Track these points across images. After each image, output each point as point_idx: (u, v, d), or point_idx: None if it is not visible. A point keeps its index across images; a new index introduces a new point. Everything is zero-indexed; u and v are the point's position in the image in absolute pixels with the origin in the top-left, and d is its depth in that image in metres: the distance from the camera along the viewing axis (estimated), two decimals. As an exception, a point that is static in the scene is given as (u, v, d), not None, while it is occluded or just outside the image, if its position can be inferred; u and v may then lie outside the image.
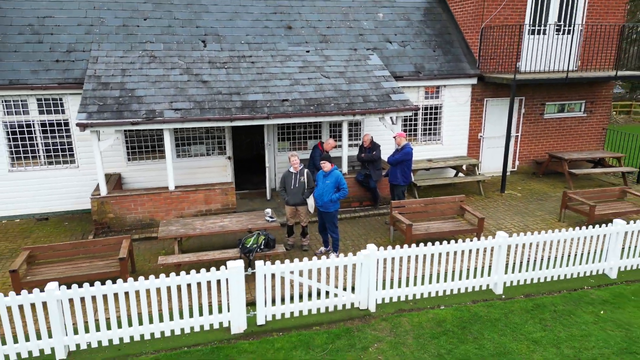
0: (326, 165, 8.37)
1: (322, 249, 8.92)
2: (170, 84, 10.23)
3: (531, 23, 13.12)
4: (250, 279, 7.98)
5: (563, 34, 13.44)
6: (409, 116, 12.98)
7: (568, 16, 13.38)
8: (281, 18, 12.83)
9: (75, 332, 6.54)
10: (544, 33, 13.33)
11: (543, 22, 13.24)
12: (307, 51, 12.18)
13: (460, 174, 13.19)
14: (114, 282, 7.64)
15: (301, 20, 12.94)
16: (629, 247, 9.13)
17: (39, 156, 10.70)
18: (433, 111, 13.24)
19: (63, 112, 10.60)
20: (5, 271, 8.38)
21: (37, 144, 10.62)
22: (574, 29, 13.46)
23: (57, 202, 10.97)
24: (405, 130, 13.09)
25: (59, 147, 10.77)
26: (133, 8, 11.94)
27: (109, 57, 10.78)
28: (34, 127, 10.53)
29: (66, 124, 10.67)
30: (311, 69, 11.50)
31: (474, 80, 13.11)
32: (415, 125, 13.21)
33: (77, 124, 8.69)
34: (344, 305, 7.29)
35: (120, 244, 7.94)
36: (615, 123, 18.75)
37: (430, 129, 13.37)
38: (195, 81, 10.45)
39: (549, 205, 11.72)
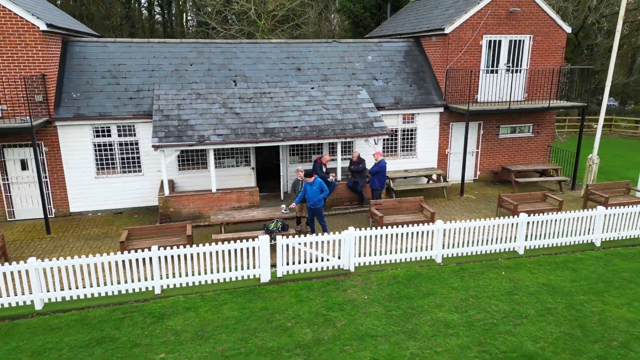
0: (309, 179, 12.10)
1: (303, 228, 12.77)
2: (212, 115, 14.19)
3: (486, 65, 16.95)
4: (272, 249, 11.84)
5: (512, 73, 17.25)
6: (391, 137, 16.82)
7: (516, 59, 17.20)
8: (292, 62, 16.79)
9: (167, 277, 10.44)
10: (496, 72, 17.15)
11: (495, 64, 17.07)
12: (312, 88, 16.11)
13: (431, 182, 16.98)
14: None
15: (308, 63, 16.88)
16: (532, 233, 12.84)
17: (116, 167, 14.69)
18: (409, 133, 17.08)
19: (134, 135, 14.59)
20: (110, 243, 12.33)
21: (115, 158, 14.62)
22: (520, 70, 17.28)
23: (128, 201, 14.95)
24: (387, 147, 16.95)
25: (130, 160, 14.76)
26: (182, 56, 15.96)
27: (167, 94, 14.78)
28: (113, 146, 14.54)
29: (136, 144, 14.67)
30: (314, 102, 15.41)
31: (441, 109, 16.95)
32: (396, 143, 17.06)
33: (152, 146, 12.66)
34: (333, 267, 11.13)
35: (185, 227, 11.86)
36: (558, 141, 22.37)
37: (407, 146, 17.21)
38: (230, 113, 14.40)
39: (494, 205, 15.47)
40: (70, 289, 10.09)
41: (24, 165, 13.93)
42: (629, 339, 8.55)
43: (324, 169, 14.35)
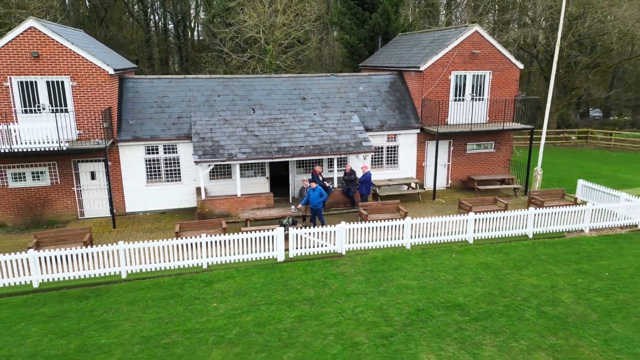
0: (312, 185, 16.24)
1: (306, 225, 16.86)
2: (237, 137, 18.34)
3: (454, 95, 21.10)
4: (285, 238, 15.91)
5: (476, 101, 21.40)
6: (378, 152, 20.92)
7: (479, 90, 21.34)
8: (299, 92, 20.97)
9: (210, 257, 14.51)
10: (463, 100, 21.30)
11: (462, 94, 21.21)
12: (314, 114, 20.26)
13: (410, 188, 21.06)
14: (218, 240, 15.66)
15: (311, 93, 21.06)
16: (480, 228, 16.88)
17: (162, 177, 18.85)
18: (392, 149, 21.21)
19: (176, 152, 18.75)
20: (161, 234, 16.43)
21: (161, 170, 18.78)
22: (482, 98, 21.43)
23: (170, 203, 19.09)
24: (375, 161, 21.06)
25: (172, 172, 18.91)
26: (211, 89, 20.15)
27: (201, 120, 18.95)
28: (160, 161, 18.69)
29: (177, 159, 18.82)
30: (316, 126, 19.56)
31: (418, 130, 21.09)
32: (382, 157, 21.18)
33: (194, 161, 16.80)
34: (330, 251, 15.22)
35: (220, 222, 15.97)
36: (516, 155, 26.29)
37: (391, 160, 21.33)
38: (251, 135, 18.55)
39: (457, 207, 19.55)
40: (144, 264, 14.19)
41: (92, 176, 18.09)
42: (529, 295, 12.62)
43: (321, 178, 18.48)
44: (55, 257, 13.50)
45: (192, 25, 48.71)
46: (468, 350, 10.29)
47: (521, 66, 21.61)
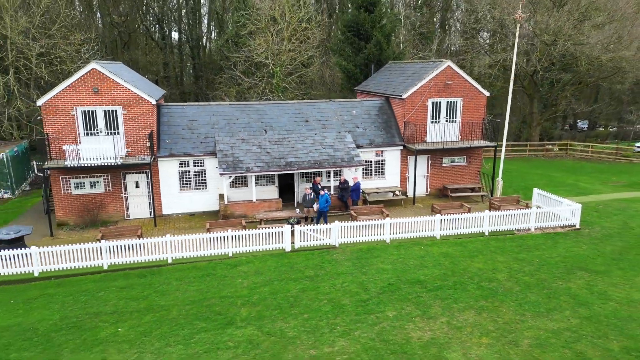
0: (321, 192, 20.66)
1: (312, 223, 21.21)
2: (252, 153, 22.76)
3: (431, 118, 25.47)
4: (292, 233, 20.25)
5: (450, 123, 25.75)
6: (368, 165, 25.28)
7: (452, 113, 25.70)
8: (302, 116, 25.41)
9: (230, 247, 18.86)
10: (439, 122, 25.66)
11: (438, 117, 25.59)
12: (315, 134, 24.67)
13: (394, 195, 25.38)
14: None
15: (312, 116, 25.49)
16: (446, 226, 21.12)
17: (191, 185, 23.29)
18: (380, 162, 25.57)
19: (203, 166, 23.20)
20: (193, 231, 20.83)
21: (191, 180, 23.23)
22: (455, 120, 25.80)
23: (198, 207, 23.52)
24: (366, 172, 25.41)
25: (199, 181, 23.35)
26: (231, 114, 24.64)
27: (224, 140, 23.39)
28: (190, 173, 23.15)
29: (204, 171, 23.26)
30: (316, 144, 23.96)
31: (401, 147, 25.47)
32: (371, 169, 25.55)
33: (220, 173, 21.23)
34: (326, 244, 19.57)
35: (240, 221, 20.36)
36: (485, 167, 30.46)
37: (379, 172, 25.70)
38: (264, 152, 22.97)
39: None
40: (185, 252, 18.54)
41: (137, 185, 22.56)
42: (473, 275, 16.92)
43: (320, 186, 22.88)
44: (120, 246, 17.88)
45: (206, 47, 53.45)
46: (421, 309, 14.59)
47: (487, 94, 25.98)
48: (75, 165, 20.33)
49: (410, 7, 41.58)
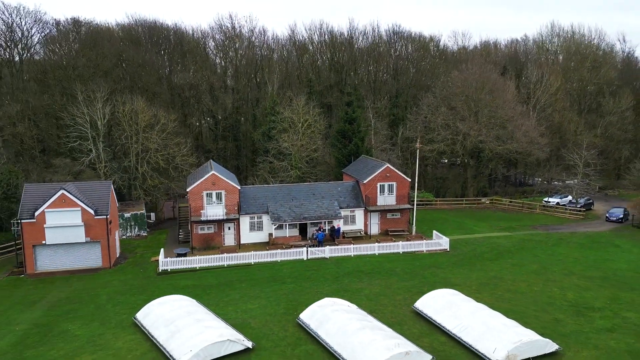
0: (321, 230, 43.09)
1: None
2: (286, 212, 45.48)
3: (379, 193, 48.18)
4: (306, 251, 42.46)
5: (389, 195, 48.41)
6: (346, 218, 47.74)
7: (391, 190, 48.38)
8: (311, 191, 48.33)
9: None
10: (384, 194, 48.34)
11: (383, 192, 48.29)
12: (318, 201, 47.43)
13: (360, 233, 47.69)
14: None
15: (317, 191, 48.38)
16: (382, 247, 43.28)
17: (255, 229, 46.00)
18: (352, 216, 48.14)
19: (261, 219, 45.93)
20: (259, 250, 43.32)
21: (254, 225, 45.95)
22: (393, 194, 48.50)
23: (257, 240, 46.07)
24: (345, 221, 47.86)
25: (259, 226, 46.02)
26: (275, 191, 47.66)
27: (272, 205, 46.14)
28: (262, 223, 45.87)
29: (262, 222, 45.96)
30: (319, 207, 46.64)
31: (364, 208, 48.11)
32: (347, 220, 48.10)
33: (272, 223, 43.92)
34: (322, 257, 41.93)
35: (282, 246, 42.80)
36: (411, 220, 52.90)
37: (352, 221, 48.24)
38: (291, 211, 45.69)
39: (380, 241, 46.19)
40: (259, 259, 40.79)
41: (228, 228, 45.25)
42: (392, 268, 39.31)
43: (321, 229, 45.33)
44: (233, 256, 40.23)
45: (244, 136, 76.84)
46: (364, 282, 36.67)
47: (409, 180, 48.78)
48: (204, 220, 43.10)
49: (378, 118, 65.10)
